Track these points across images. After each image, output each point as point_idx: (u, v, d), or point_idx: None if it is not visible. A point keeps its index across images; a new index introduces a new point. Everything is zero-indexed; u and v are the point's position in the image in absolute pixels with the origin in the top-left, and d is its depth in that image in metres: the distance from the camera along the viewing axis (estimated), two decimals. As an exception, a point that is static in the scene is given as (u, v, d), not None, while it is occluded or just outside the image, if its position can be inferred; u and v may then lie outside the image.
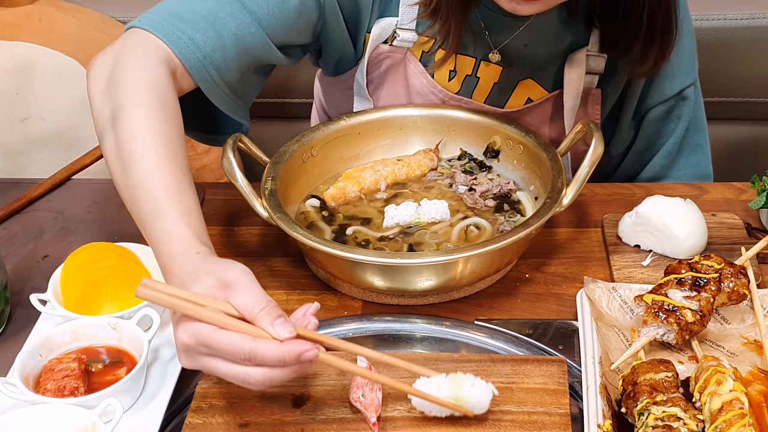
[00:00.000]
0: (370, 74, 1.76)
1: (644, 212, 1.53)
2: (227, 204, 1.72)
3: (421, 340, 1.41)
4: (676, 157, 1.84)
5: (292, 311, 1.44)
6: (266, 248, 1.61)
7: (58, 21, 2.13)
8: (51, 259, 1.60)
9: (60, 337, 1.31)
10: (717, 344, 1.34)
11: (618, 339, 1.35)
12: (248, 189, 1.48)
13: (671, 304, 1.31)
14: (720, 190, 1.73)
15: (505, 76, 1.73)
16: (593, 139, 1.49)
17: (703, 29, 2.22)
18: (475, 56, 1.71)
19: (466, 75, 1.74)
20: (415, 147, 1.72)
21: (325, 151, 1.66)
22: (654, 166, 1.86)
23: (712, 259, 1.38)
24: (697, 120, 1.83)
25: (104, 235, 1.61)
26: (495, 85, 1.74)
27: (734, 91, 2.32)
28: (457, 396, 1.20)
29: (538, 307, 1.47)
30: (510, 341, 1.39)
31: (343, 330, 1.42)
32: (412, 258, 1.40)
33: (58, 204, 1.74)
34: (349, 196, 1.62)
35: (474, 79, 1.74)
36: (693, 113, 1.82)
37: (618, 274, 1.51)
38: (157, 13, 1.47)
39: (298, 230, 1.41)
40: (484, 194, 1.61)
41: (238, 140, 1.54)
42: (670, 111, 1.79)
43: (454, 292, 1.47)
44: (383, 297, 1.47)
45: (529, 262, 1.55)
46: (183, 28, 1.46)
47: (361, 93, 1.78)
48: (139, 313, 1.33)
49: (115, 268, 1.43)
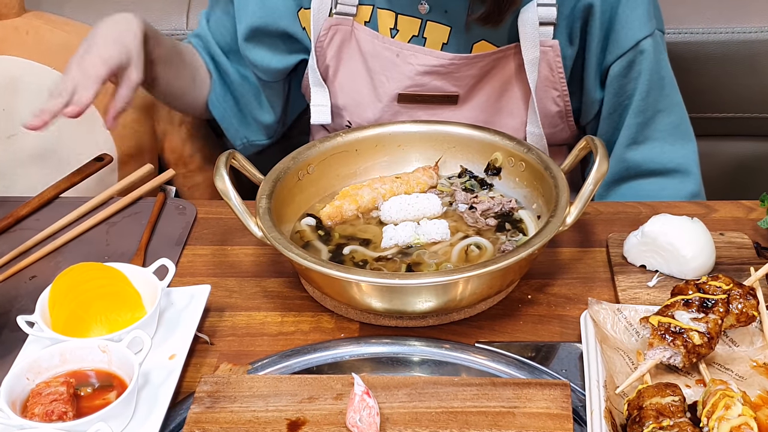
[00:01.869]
0: (324, 57, 1.82)
1: (650, 231, 1.53)
2: (220, 223, 1.72)
3: (420, 364, 1.42)
4: (651, 117, 1.85)
5: (287, 334, 1.47)
6: (260, 268, 1.62)
7: (46, 34, 2.13)
8: (39, 280, 1.60)
9: (48, 360, 1.31)
10: (725, 367, 1.35)
11: (623, 362, 1.35)
12: (242, 208, 1.49)
13: (678, 326, 1.31)
14: (728, 209, 1.74)
15: (454, 38, 1.78)
16: (597, 155, 1.50)
17: (709, 43, 2.23)
18: (418, 17, 1.77)
19: (413, 35, 1.79)
20: (414, 164, 1.73)
21: (321, 168, 1.67)
22: (629, 127, 1.86)
23: (720, 279, 1.38)
24: (661, 76, 1.84)
25: (94, 255, 1.61)
26: (444, 45, 1.78)
27: (742, 107, 2.31)
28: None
29: (540, 329, 1.47)
30: (512, 364, 1.39)
31: (340, 353, 1.43)
32: (410, 279, 1.41)
33: (46, 223, 1.74)
34: (346, 214, 1.62)
35: (421, 39, 1.79)
36: (656, 67, 1.82)
37: (623, 295, 1.51)
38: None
39: (294, 250, 1.42)
40: (485, 213, 1.62)
41: (231, 157, 1.55)
42: (629, 66, 1.81)
43: (454, 313, 1.47)
44: (381, 319, 1.47)
45: (532, 282, 1.56)
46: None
47: (316, 80, 1.84)
48: (129, 336, 1.34)
49: (104, 289, 1.43)
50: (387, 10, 1.79)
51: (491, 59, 1.80)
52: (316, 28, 1.81)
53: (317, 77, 1.85)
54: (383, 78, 1.83)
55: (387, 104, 1.84)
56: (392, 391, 1.30)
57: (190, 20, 2.26)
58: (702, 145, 1.93)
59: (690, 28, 2.22)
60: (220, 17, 1.96)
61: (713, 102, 2.26)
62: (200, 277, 1.60)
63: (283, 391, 1.32)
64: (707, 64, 2.21)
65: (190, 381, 1.39)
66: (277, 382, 1.34)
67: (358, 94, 1.86)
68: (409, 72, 1.81)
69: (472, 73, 1.81)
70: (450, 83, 1.81)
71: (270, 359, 1.42)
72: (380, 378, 1.33)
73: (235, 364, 1.41)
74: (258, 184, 1.58)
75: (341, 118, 1.90)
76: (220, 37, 1.96)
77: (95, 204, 1.79)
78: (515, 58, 1.81)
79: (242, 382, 1.34)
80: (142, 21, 1.70)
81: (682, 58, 2.16)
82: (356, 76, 1.84)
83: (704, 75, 2.23)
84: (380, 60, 1.81)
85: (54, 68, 2.09)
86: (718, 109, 2.28)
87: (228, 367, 1.40)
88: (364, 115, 1.87)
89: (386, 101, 1.84)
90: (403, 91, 1.83)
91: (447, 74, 1.80)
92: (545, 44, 1.78)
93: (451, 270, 1.45)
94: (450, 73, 1.80)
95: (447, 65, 1.78)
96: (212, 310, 1.52)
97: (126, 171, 2.07)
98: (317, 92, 1.86)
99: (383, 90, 1.83)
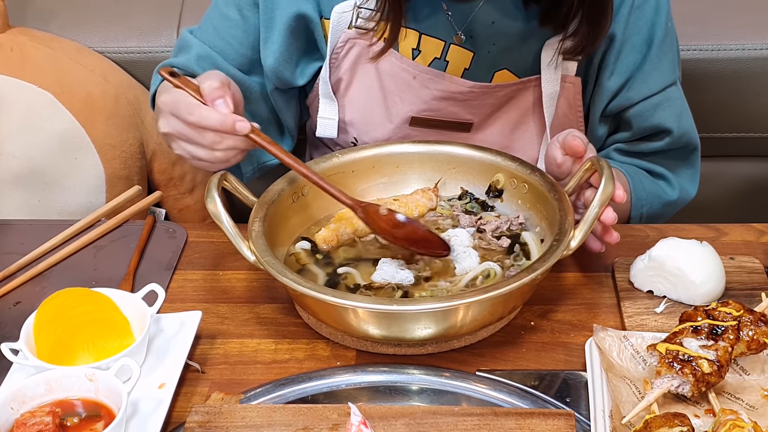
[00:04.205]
0: (339, 69, 1.82)
1: (658, 256, 1.54)
2: (212, 246, 1.73)
3: (418, 393, 1.42)
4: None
5: (281, 362, 1.47)
6: (253, 294, 1.63)
7: (31, 51, 2.15)
8: (23, 306, 1.61)
9: (33, 389, 1.31)
10: (735, 397, 1.35)
11: (630, 391, 1.35)
12: (234, 231, 1.49)
13: (687, 354, 1.32)
14: (739, 232, 1.74)
15: (476, 64, 1.79)
16: (602, 177, 1.50)
17: (719, 60, 2.23)
18: (443, 39, 1.78)
19: (435, 57, 1.79)
20: (413, 186, 1.74)
21: (316, 190, 1.66)
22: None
23: (730, 305, 1.39)
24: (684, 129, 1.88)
25: (80, 280, 1.62)
26: (465, 71, 1.79)
27: (753, 126, 2.31)
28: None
29: (544, 357, 1.48)
30: (514, 393, 1.40)
31: (336, 382, 1.43)
32: (409, 305, 1.41)
33: (30, 246, 1.74)
34: (342, 238, 1.63)
35: (443, 63, 1.79)
36: (681, 114, 1.87)
37: (630, 322, 1.51)
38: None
39: (287, 275, 1.42)
40: (495, 232, 1.62)
41: (223, 179, 1.56)
42: (656, 106, 1.84)
43: (454, 341, 1.48)
44: (379, 346, 1.48)
45: (535, 308, 1.56)
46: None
47: (326, 92, 1.84)
48: (117, 364, 1.34)
49: (91, 315, 1.44)
50: (412, 30, 1.78)
51: (511, 90, 1.81)
52: (333, 39, 1.81)
53: (328, 89, 1.84)
54: (397, 99, 1.83)
55: (398, 126, 1.85)
56: (390, 421, 1.31)
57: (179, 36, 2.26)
58: (712, 166, 1.94)
59: (699, 45, 2.23)
60: (227, 31, 1.85)
61: (723, 121, 2.26)
62: (191, 303, 1.60)
63: (277, 422, 1.32)
64: (717, 82, 2.22)
65: (181, 411, 1.39)
66: (271, 412, 1.35)
67: (369, 112, 1.86)
68: (425, 96, 1.82)
69: (490, 102, 1.82)
70: (466, 110, 1.83)
71: (263, 388, 1.42)
72: (378, 407, 1.34)
73: (227, 393, 1.41)
74: (251, 207, 1.59)
75: (347, 134, 1.90)
76: (235, 54, 1.85)
77: (82, 226, 1.79)
78: (535, 90, 1.82)
79: (234, 412, 1.34)
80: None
81: (692, 76, 2.17)
82: (369, 94, 1.84)
83: (714, 93, 2.24)
84: (396, 80, 1.82)
85: (39, 86, 2.10)
86: (729, 128, 2.29)
87: (220, 396, 1.41)
88: (372, 134, 1.87)
89: (397, 123, 1.85)
90: (417, 115, 1.83)
91: (464, 101, 1.81)
92: (567, 80, 1.80)
93: (451, 296, 1.45)
94: (468, 100, 1.81)
95: (466, 93, 1.80)
96: (203, 337, 1.53)
97: (114, 192, 2.08)
98: (326, 105, 1.86)
99: (395, 111, 1.84)
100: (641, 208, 1.86)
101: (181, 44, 1.90)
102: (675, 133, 1.85)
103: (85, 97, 2.16)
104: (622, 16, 1.77)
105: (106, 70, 2.22)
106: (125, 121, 2.19)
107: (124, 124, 2.19)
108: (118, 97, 2.20)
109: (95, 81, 2.18)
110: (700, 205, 1.99)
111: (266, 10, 1.79)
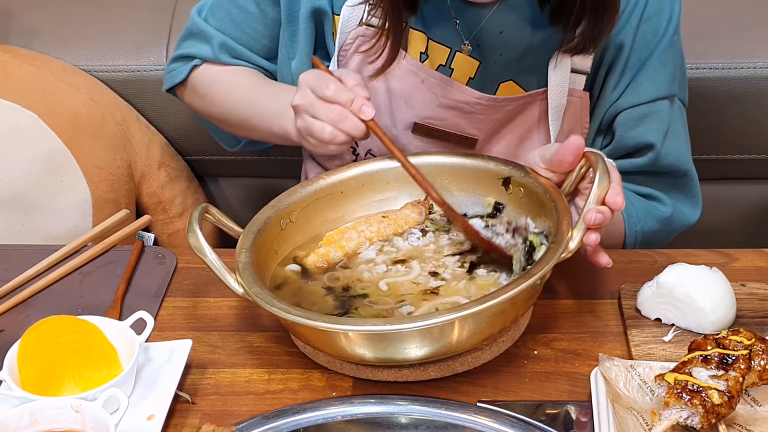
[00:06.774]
0: (345, 67, 1.84)
1: (666, 282, 1.54)
2: (202, 273, 1.72)
3: (417, 425, 1.42)
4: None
5: (274, 393, 1.47)
6: (245, 322, 1.63)
7: (15, 70, 2.15)
8: (6, 334, 1.61)
9: (16, 421, 1.31)
10: (746, 428, 1.35)
11: (636, 423, 1.36)
12: (219, 264, 1.50)
13: (696, 384, 1.32)
14: (750, 258, 1.74)
15: (482, 74, 1.81)
16: (597, 171, 1.49)
17: (730, 79, 2.23)
18: (449, 46, 1.81)
19: (440, 64, 1.82)
20: (405, 201, 1.73)
21: (305, 215, 1.67)
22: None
23: (741, 334, 1.39)
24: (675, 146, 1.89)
25: (66, 308, 1.62)
26: (470, 80, 1.82)
27: (766, 147, 2.32)
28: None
29: (547, 387, 1.48)
30: (516, 425, 1.40)
31: (331, 413, 1.43)
32: (401, 323, 1.40)
33: (13, 272, 1.74)
34: (333, 261, 1.63)
35: (447, 70, 1.82)
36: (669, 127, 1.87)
37: (637, 351, 1.52)
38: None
39: (276, 304, 1.42)
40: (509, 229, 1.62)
41: (205, 212, 1.57)
42: (643, 117, 1.84)
43: (457, 364, 1.48)
44: (376, 372, 1.48)
45: (538, 337, 1.57)
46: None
47: None
48: (104, 395, 1.34)
49: (77, 344, 1.44)
50: (421, 32, 1.81)
51: (518, 104, 1.83)
52: (342, 36, 1.83)
53: None
54: (401, 102, 1.85)
55: (400, 132, 1.87)
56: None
57: (169, 54, 2.27)
58: (722, 189, 1.94)
59: (709, 62, 2.24)
60: (246, 23, 1.93)
61: (734, 142, 2.27)
62: (181, 332, 1.61)
63: (269, 454, 1.33)
64: (728, 102, 2.22)
65: (170, 443, 1.40)
66: (264, 444, 1.35)
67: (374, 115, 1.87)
68: (431, 102, 1.84)
69: (496, 117, 1.84)
70: (472, 125, 1.85)
71: (256, 420, 1.42)
72: (375, 440, 1.34)
73: (218, 425, 1.41)
74: (236, 238, 1.59)
75: None
76: (259, 46, 1.96)
77: (67, 251, 1.79)
78: (541, 104, 1.84)
79: (226, 445, 1.35)
80: None
81: (701, 96, 2.18)
82: (374, 96, 1.83)
83: (724, 113, 2.25)
84: (403, 82, 1.84)
85: (23, 106, 2.10)
86: (740, 149, 2.29)
87: (211, 428, 1.40)
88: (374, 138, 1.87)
89: (400, 129, 1.87)
90: (421, 121, 1.85)
91: (470, 114, 1.83)
92: (574, 93, 1.82)
93: (444, 311, 1.42)
94: (474, 113, 1.83)
95: (473, 104, 1.82)
96: (194, 367, 1.53)
97: (101, 216, 2.08)
98: None
99: (399, 115, 1.86)
100: (635, 226, 1.85)
101: (195, 30, 1.97)
102: (658, 149, 1.84)
103: (70, 117, 2.17)
104: (631, 26, 1.78)
105: (92, 90, 2.23)
106: (112, 143, 2.20)
107: (112, 146, 2.19)
108: (105, 117, 2.20)
109: (81, 100, 2.19)
110: (709, 230, 1.99)
111: (288, 4, 1.85)
